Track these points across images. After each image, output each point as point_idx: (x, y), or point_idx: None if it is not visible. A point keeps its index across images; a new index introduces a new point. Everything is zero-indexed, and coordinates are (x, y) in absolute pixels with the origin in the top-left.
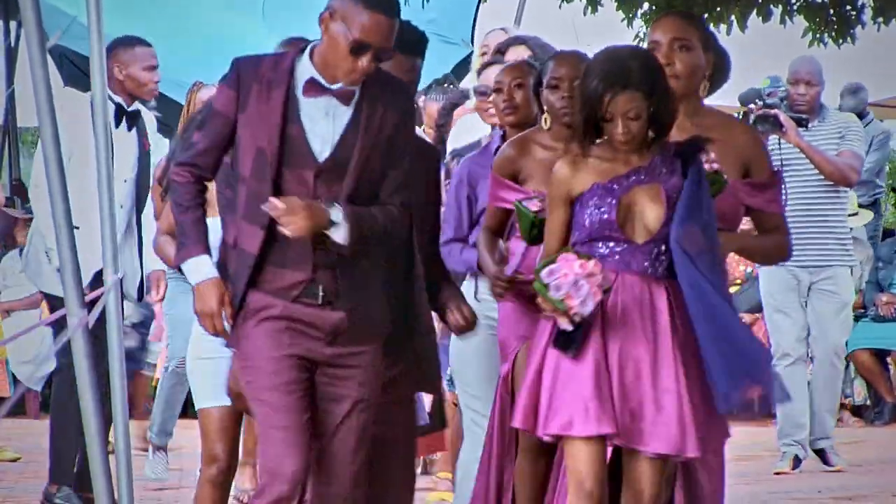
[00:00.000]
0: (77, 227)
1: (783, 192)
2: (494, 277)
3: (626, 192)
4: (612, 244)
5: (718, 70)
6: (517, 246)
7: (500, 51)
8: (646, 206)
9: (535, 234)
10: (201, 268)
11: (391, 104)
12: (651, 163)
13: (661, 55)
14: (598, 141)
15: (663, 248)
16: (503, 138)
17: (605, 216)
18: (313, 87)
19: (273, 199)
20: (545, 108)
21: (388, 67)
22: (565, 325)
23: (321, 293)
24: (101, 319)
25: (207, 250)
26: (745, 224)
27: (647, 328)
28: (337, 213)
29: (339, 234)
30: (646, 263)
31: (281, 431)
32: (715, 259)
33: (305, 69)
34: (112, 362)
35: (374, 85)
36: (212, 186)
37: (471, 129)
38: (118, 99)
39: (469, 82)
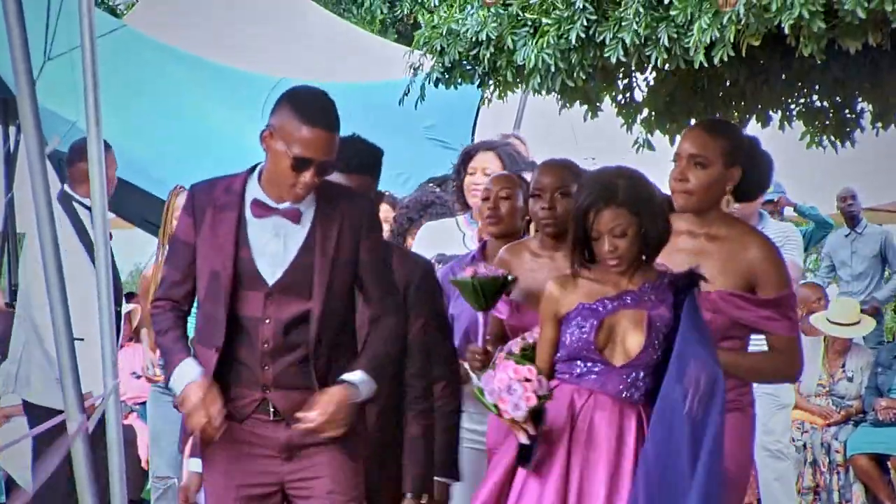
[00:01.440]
0: (81, 339)
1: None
2: (470, 353)
3: (611, 314)
4: (589, 364)
5: (750, 179)
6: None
7: (469, 154)
8: (628, 330)
9: (481, 301)
10: (183, 374)
11: (348, 217)
12: (641, 288)
13: (677, 170)
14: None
15: (641, 374)
16: (483, 248)
17: (585, 336)
18: (259, 208)
19: (306, 415)
20: (530, 214)
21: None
22: (522, 439)
23: (272, 409)
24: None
25: (189, 354)
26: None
27: (612, 450)
28: (364, 386)
29: (367, 393)
30: (621, 387)
31: None
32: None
33: (253, 190)
34: (112, 462)
35: (327, 201)
36: None
37: (439, 238)
38: (87, 201)
39: None
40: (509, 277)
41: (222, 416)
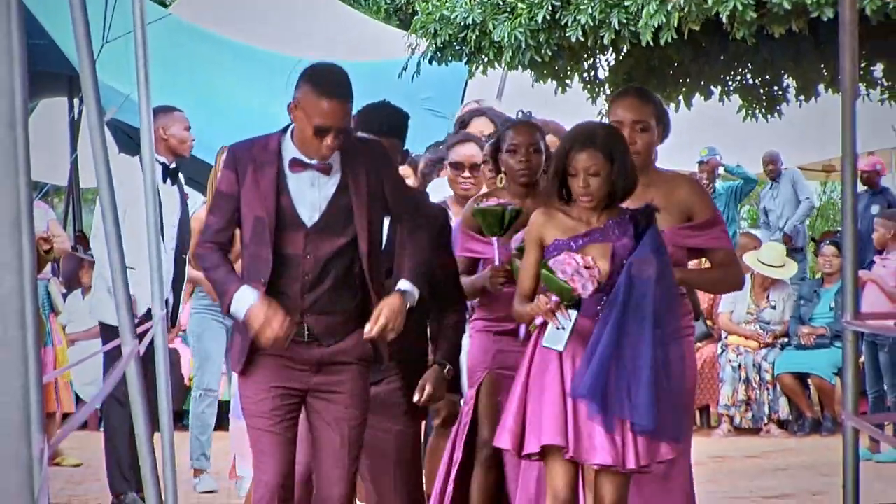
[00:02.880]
0: (133, 269)
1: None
2: (493, 271)
3: (581, 248)
4: None
5: (665, 130)
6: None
7: (464, 122)
8: (597, 261)
9: (500, 227)
10: (244, 298)
11: (371, 164)
12: (606, 224)
13: (625, 135)
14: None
15: (604, 299)
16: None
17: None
18: (297, 164)
19: (376, 321)
20: (503, 169)
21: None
22: (562, 324)
23: (307, 332)
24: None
25: (243, 281)
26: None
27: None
28: (411, 292)
29: (413, 300)
30: (597, 307)
31: (265, 455)
32: (669, 290)
33: (289, 149)
34: (160, 385)
35: (348, 151)
36: None
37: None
38: (162, 159)
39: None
40: (520, 210)
41: (287, 325)
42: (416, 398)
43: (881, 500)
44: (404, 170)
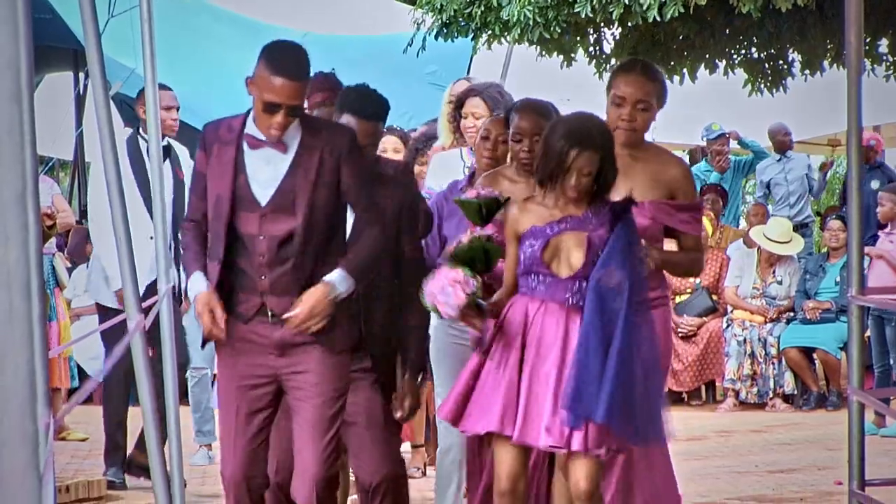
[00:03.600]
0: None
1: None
2: None
3: (556, 235)
4: (540, 276)
5: (661, 106)
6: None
7: (459, 102)
8: (571, 248)
9: (482, 218)
10: (195, 284)
11: (331, 149)
12: (584, 214)
13: (624, 112)
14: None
15: (584, 284)
16: (471, 176)
17: (533, 252)
18: (252, 140)
19: (293, 312)
20: (510, 150)
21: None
22: (475, 330)
23: (270, 313)
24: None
25: (202, 268)
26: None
27: (559, 347)
28: (341, 283)
29: (344, 289)
30: (567, 295)
31: (227, 439)
32: (634, 295)
33: (249, 126)
34: (165, 359)
35: (310, 133)
36: None
37: (448, 167)
38: (145, 136)
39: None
40: (503, 199)
41: (223, 319)
42: (397, 414)
43: (886, 475)
44: (394, 142)
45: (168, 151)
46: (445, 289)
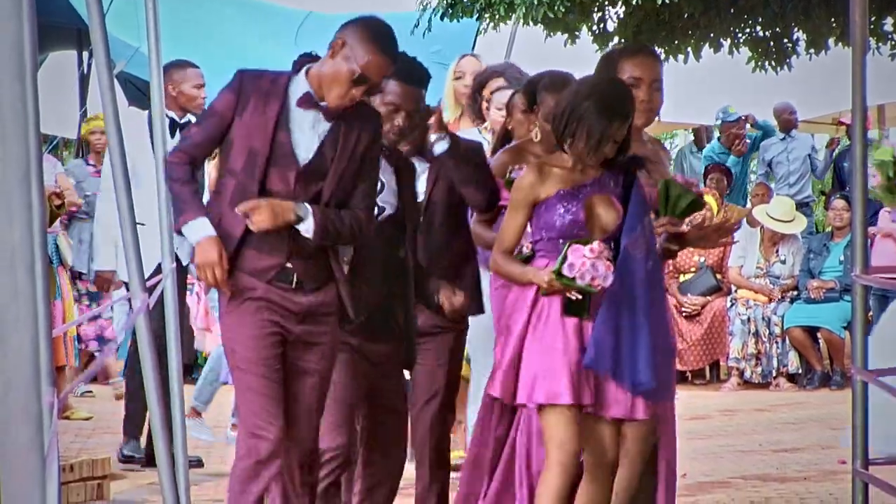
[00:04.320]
0: (143, 224)
1: None
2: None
3: (587, 197)
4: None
5: None
6: None
7: (481, 84)
8: (602, 210)
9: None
10: (201, 227)
11: (364, 127)
12: (602, 176)
13: (641, 92)
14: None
15: (612, 245)
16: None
17: (574, 217)
18: (307, 101)
19: (244, 203)
20: (539, 127)
21: (398, 96)
22: (576, 296)
23: (294, 278)
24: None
25: (206, 214)
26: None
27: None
28: (305, 210)
29: (306, 229)
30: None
31: (265, 399)
32: (655, 257)
33: (301, 86)
34: (169, 337)
35: (350, 108)
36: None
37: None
38: (171, 114)
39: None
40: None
41: (223, 274)
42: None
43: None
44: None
45: (186, 128)
46: (596, 264)
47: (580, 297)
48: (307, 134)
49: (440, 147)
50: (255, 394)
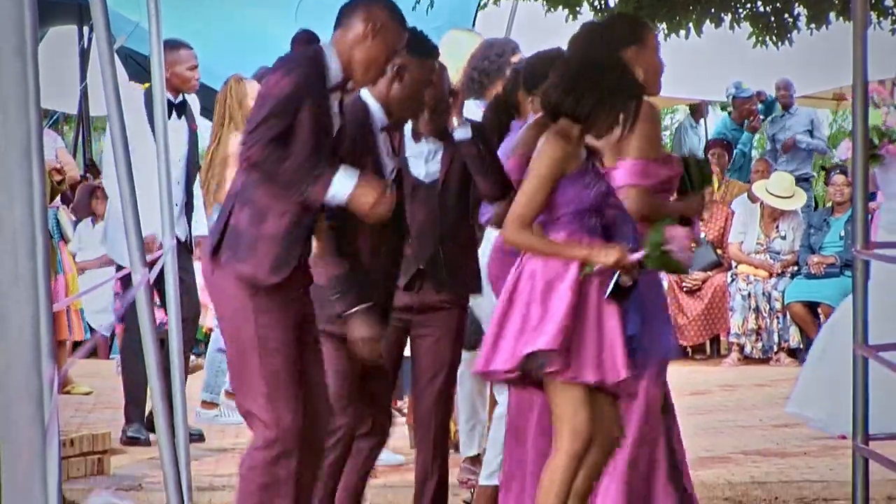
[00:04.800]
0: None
1: None
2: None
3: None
4: (599, 215)
5: None
6: None
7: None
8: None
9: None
10: (351, 174)
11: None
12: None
13: (656, 60)
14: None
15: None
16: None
17: (598, 189)
18: (340, 87)
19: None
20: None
21: (418, 70)
22: (628, 282)
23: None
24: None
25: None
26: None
27: None
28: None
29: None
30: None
31: (295, 385)
32: None
33: (336, 72)
34: (169, 312)
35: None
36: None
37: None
38: (167, 94)
39: None
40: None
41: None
42: None
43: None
44: None
45: (184, 108)
46: (689, 245)
47: (631, 284)
48: (337, 116)
49: (463, 133)
50: (281, 387)
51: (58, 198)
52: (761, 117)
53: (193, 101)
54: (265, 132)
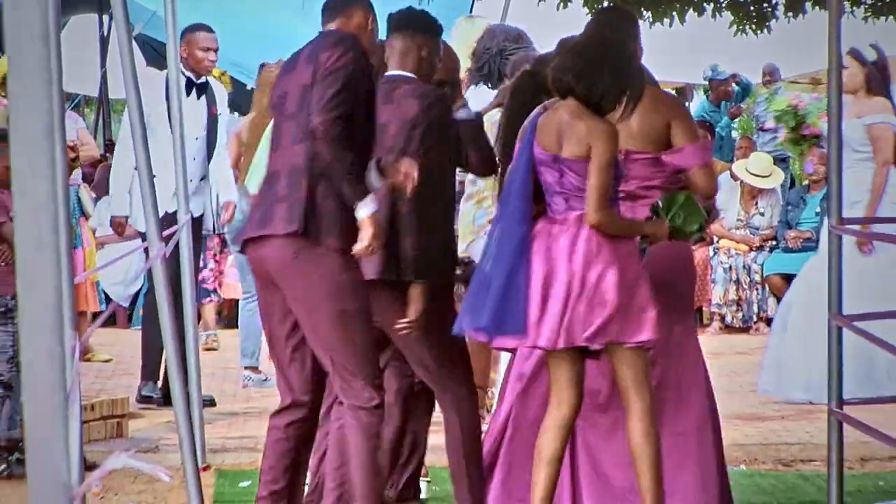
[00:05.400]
0: (155, 176)
1: None
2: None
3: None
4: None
5: None
6: None
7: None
8: None
9: None
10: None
11: None
12: None
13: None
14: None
15: None
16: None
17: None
18: None
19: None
20: None
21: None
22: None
23: None
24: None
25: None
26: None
27: None
28: None
29: None
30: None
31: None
32: None
33: None
34: (184, 282)
35: None
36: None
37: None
38: (188, 74)
39: None
40: None
41: None
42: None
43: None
44: None
45: (205, 88)
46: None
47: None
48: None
49: (465, 113)
50: (371, 345)
51: (79, 176)
52: (737, 100)
53: (220, 89)
54: (335, 107)
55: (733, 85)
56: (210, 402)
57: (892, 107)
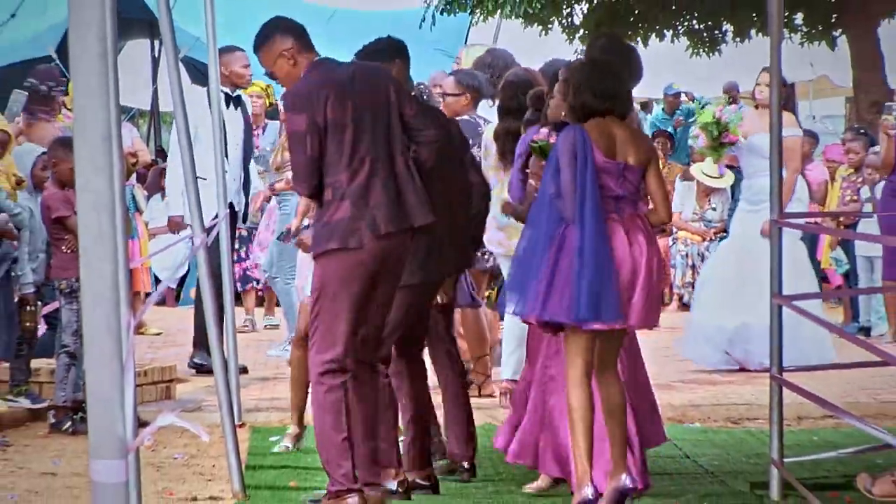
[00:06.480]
0: (205, 178)
1: None
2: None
3: None
4: None
5: None
6: None
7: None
8: None
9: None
10: None
11: None
12: None
13: None
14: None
15: None
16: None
17: None
18: None
19: None
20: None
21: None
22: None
23: None
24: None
25: None
26: None
27: None
28: None
29: None
30: None
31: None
32: None
33: None
34: (224, 268)
35: None
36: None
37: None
38: (225, 89)
39: None
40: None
41: None
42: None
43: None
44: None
45: (239, 100)
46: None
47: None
48: None
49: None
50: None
51: (133, 177)
52: (682, 118)
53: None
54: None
55: (682, 97)
56: (243, 370)
57: (797, 121)
